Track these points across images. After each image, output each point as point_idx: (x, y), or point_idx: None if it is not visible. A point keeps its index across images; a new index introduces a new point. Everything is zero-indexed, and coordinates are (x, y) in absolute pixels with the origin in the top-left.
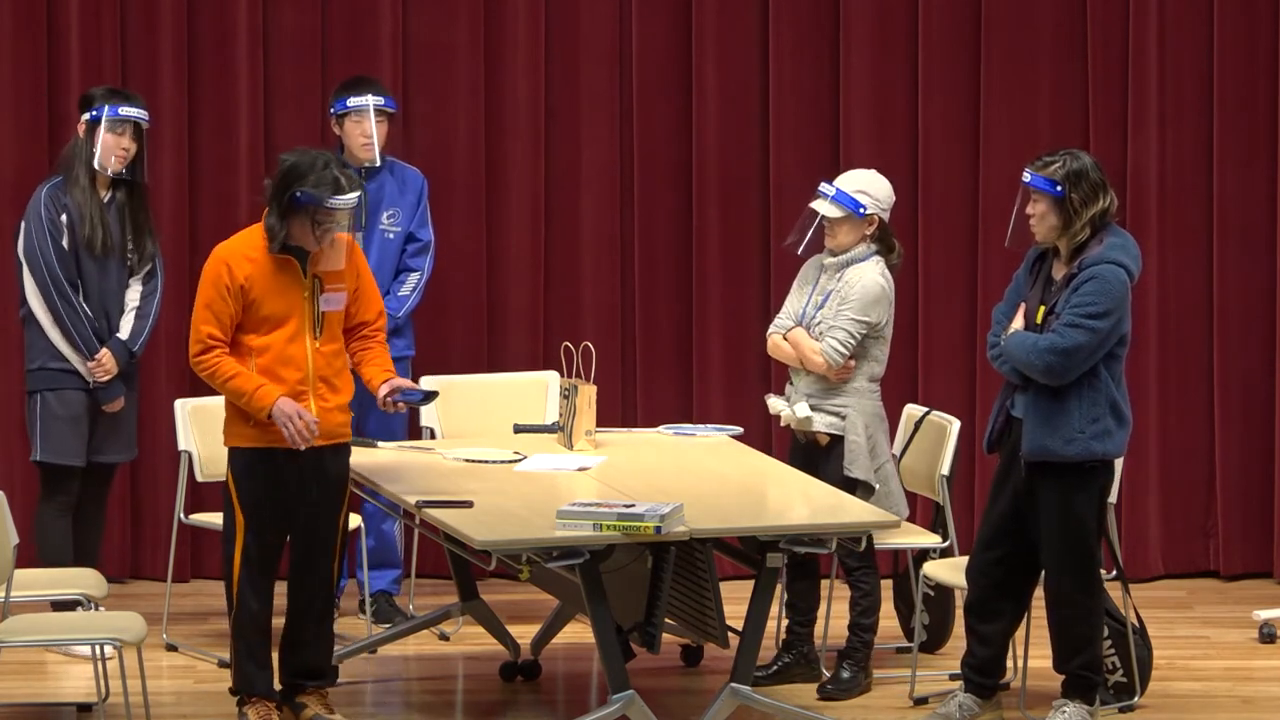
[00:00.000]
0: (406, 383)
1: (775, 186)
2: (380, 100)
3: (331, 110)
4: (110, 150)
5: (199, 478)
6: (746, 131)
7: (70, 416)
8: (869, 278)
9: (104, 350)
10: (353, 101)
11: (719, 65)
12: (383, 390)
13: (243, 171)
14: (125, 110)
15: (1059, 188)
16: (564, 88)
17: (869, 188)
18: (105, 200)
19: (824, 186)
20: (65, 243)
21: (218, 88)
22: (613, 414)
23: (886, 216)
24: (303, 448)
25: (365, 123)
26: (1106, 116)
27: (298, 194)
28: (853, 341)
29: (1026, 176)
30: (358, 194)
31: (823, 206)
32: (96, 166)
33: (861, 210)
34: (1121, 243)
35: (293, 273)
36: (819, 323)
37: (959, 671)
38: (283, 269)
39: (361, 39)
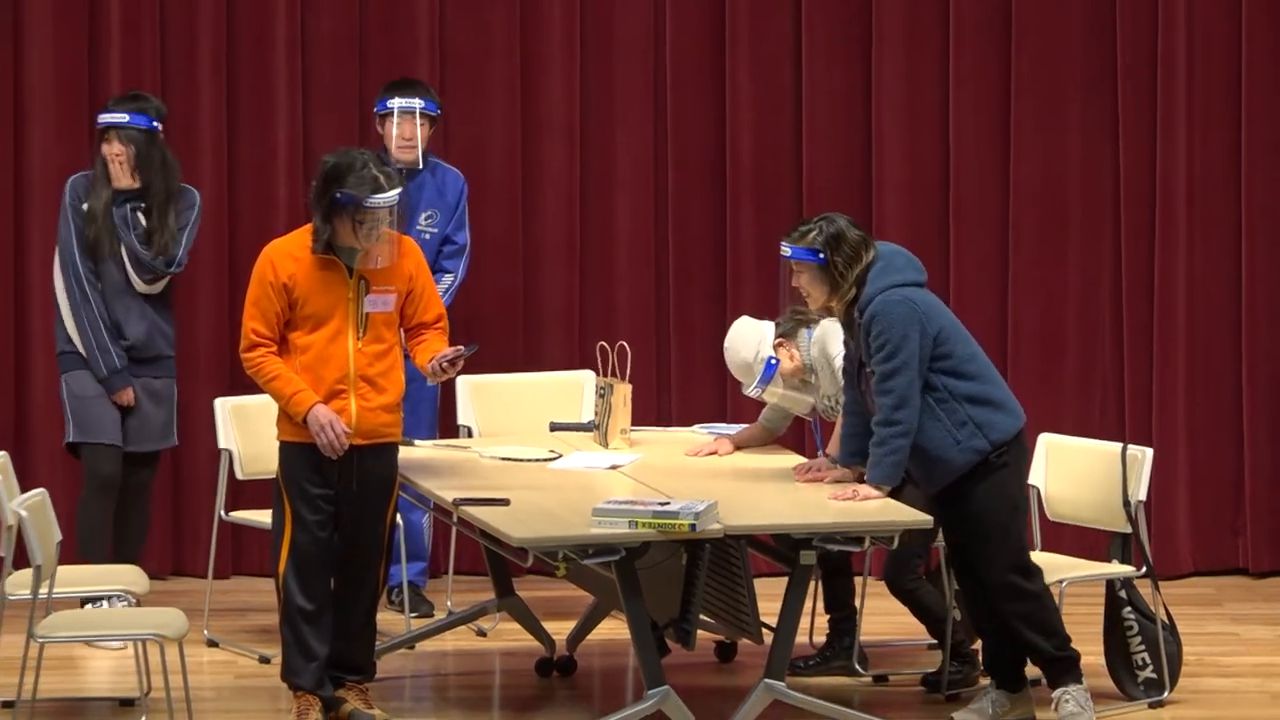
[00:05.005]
0: (447, 351)
1: (808, 185)
2: (422, 103)
3: (375, 109)
4: (108, 158)
5: (239, 475)
6: (779, 130)
7: (94, 395)
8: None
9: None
10: (394, 103)
11: (752, 65)
12: (429, 365)
13: (281, 173)
14: (104, 118)
15: (820, 254)
16: (599, 89)
17: (756, 343)
18: (122, 201)
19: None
20: (89, 232)
21: (256, 91)
22: (648, 413)
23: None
24: (333, 457)
25: (406, 124)
26: (1136, 122)
27: (338, 195)
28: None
29: (786, 251)
30: (397, 191)
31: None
32: (113, 179)
33: (775, 354)
34: (883, 264)
35: (337, 273)
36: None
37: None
38: (327, 269)
39: (399, 41)
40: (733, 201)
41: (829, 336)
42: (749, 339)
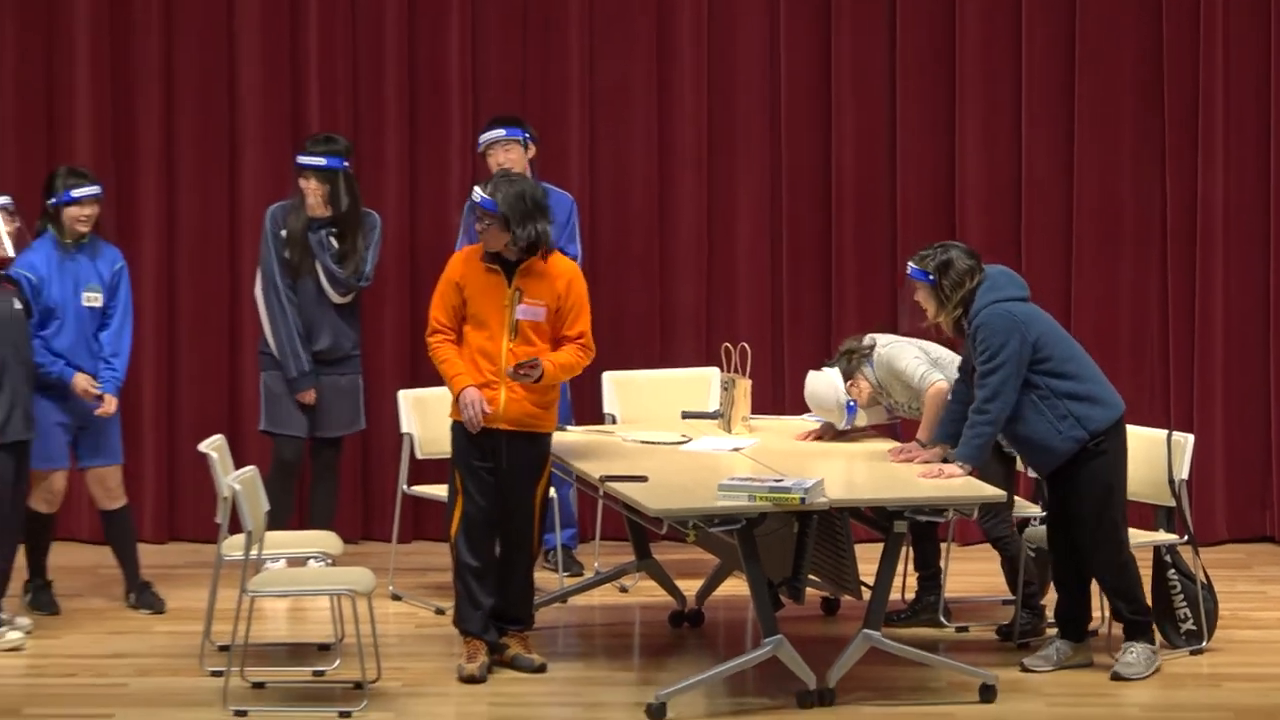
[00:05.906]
0: (523, 360)
1: (901, 206)
2: (502, 131)
3: (476, 149)
4: (305, 192)
5: (418, 455)
6: (877, 161)
7: (283, 392)
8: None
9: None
10: (483, 137)
11: (856, 104)
12: (508, 369)
13: (454, 199)
14: (302, 159)
15: (931, 277)
16: (723, 124)
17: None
18: (317, 227)
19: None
20: (287, 254)
21: (433, 127)
22: (765, 403)
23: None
24: (472, 431)
25: (494, 154)
26: (1179, 159)
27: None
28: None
29: (909, 269)
30: (482, 197)
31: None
32: (309, 209)
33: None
34: (989, 283)
35: (498, 282)
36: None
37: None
38: (491, 276)
39: (554, 84)
40: (837, 221)
41: (893, 357)
42: (827, 388)
